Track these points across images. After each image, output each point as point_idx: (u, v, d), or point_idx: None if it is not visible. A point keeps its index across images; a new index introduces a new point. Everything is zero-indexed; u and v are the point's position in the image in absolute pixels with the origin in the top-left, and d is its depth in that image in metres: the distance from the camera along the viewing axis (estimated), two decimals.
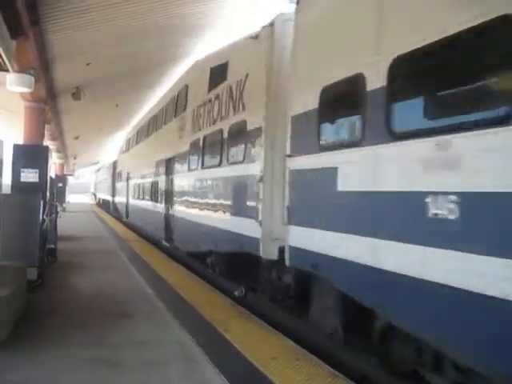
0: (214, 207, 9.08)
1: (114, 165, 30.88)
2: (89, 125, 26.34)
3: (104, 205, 40.50)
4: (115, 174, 29.56)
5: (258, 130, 7.10)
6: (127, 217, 22.85)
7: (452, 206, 3.54)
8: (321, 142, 5.50)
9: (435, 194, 3.70)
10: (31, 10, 8.77)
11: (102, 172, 46.94)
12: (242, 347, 5.39)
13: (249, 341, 5.63)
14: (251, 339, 5.70)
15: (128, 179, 22.48)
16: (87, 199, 63.40)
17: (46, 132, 16.88)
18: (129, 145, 24.37)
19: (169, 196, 13.11)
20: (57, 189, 24.00)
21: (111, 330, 5.90)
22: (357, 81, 4.66)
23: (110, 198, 33.64)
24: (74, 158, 42.75)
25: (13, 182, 9.15)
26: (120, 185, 26.17)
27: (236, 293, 8.27)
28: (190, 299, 7.67)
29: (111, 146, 40.25)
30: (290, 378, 4.56)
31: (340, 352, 5.75)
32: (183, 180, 11.74)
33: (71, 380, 4.44)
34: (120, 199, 26.04)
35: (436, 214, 3.68)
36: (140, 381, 4.48)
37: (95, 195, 57.36)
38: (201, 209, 9.98)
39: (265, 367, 4.79)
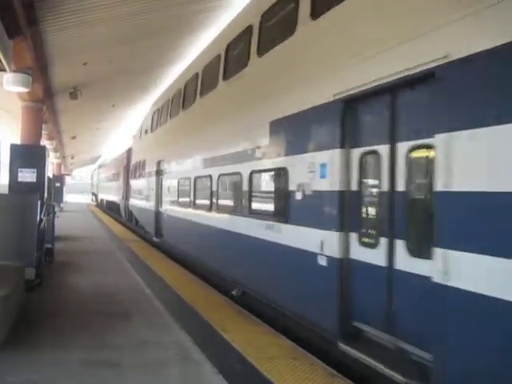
0: None
1: (128, 155, 22.84)
2: (86, 124, 26.34)
3: (110, 208, 34.38)
4: (129, 168, 21.77)
5: None
6: (159, 235, 14.51)
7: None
8: None
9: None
10: (28, 9, 8.75)
11: (106, 167, 39.80)
12: (240, 347, 5.41)
13: (247, 340, 5.65)
14: (249, 339, 5.72)
15: (159, 173, 14.58)
16: (85, 199, 62.68)
17: (43, 132, 16.86)
18: (158, 120, 15.59)
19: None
20: (54, 188, 24.04)
21: (110, 330, 5.90)
22: None
23: (119, 201, 26.97)
24: (72, 157, 42.71)
25: (10, 181, 9.17)
26: (140, 183, 18.04)
27: (234, 292, 8.29)
28: (189, 299, 7.68)
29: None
30: (288, 377, 4.58)
31: (338, 351, 5.76)
32: None
33: (71, 381, 4.44)
34: (140, 204, 17.94)
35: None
36: (140, 381, 4.49)
37: (96, 195, 50.50)
38: None
39: (263, 366, 4.82)
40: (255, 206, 7.47)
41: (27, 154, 9.55)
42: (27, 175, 9.23)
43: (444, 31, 3.80)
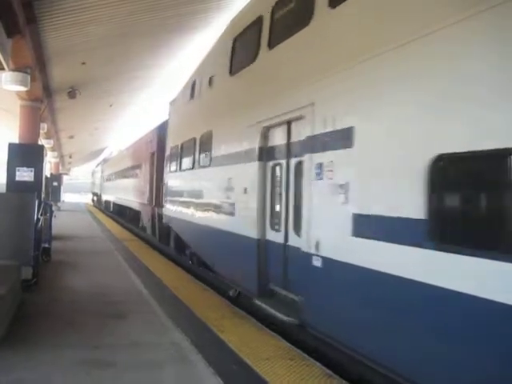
0: None
1: (158, 135, 14.92)
2: (84, 124, 26.35)
3: (121, 214, 26.52)
4: (163, 155, 13.44)
5: None
6: (270, 295, 6.71)
7: None
8: None
9: None
10: (27, 8, 8.77)
11: (115, 161, 30.54)
12: (236, 347, 5.40)
13: (243, 341, 5.64)
14: (246, 339, 5.71)
15: (271, 155, 6.88)
16: (82, 198, 62.34)
17: (41, 131, 16.87)
18: (261, 43, 7.18)
19: None
20: (52, 188, 24.01)
21: (106, 330, 5.89)
22: None
23: (141, 208, 18.47)
24: (70, 156, 42.70)
25: (8, 180, 9.16)
26: (196, 179, 10.30)
27: (230, 293, 8.29)
28: (185, 299, 7.67)
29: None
30: (285, 377, 4.58)
31: (334, 352, 5.77)
32: None
33: (65, 381, 4.43)
34: (198, 219, 9.88)
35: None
36: (135, 381, 4.48)
37: (98, 196, 42.88)
38: None
39: (259, 367, 4.81)
40: None
41: (25, 153, 9.55)
42: (25, 174, 9.22)
43: None
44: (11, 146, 9.53)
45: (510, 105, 3.21)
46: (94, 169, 52.47)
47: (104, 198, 36.33)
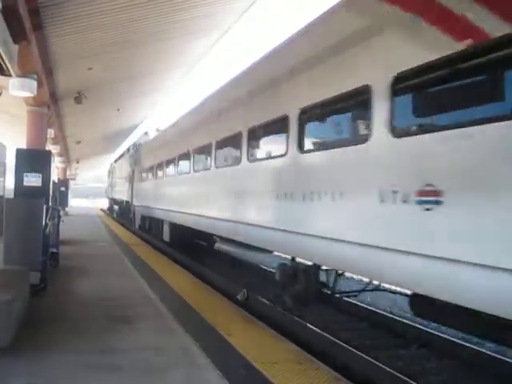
0: None
1: None
2: (91, 129, 26.43)
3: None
4: None
5: None
6: None
7: None
8: None
9: None
10: (34, 14, 8.83)
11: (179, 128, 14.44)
12: (244, 351, 5.38)
13: (251, 344, 5.62)
14: (254, 343, 5.69)
15: None
16: (90, 203, 62.59)
17: (48, 136, 16.94)
18: None
19: None
20: (59, 193, 24.06)
21: (114, 334, 5.88)
22: None
23: None
24: (77, 162, 42.89)
25: (16, 186, 9.18)
26: None
27: (239, 296, 8.28)
28: (194, 303, 7.66)
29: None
30: (293, 381, 4.55)
31: (344, 356, 5.74)
32: None
33: None
34: None
35: None
36: None
37: (124, 205, 27.18)
38: None
39: (267, 371, 4.78)
40: None
41: (33, 159, 9.57)
42: (33, 179, 9.25)
43: None
44: (19, 152, 9.58)
45: None
46: (113, 164, 36.24)
47: (140, 209, 20.27)
